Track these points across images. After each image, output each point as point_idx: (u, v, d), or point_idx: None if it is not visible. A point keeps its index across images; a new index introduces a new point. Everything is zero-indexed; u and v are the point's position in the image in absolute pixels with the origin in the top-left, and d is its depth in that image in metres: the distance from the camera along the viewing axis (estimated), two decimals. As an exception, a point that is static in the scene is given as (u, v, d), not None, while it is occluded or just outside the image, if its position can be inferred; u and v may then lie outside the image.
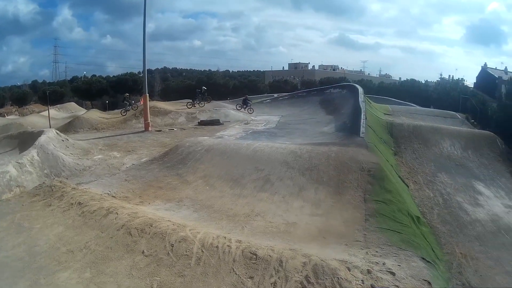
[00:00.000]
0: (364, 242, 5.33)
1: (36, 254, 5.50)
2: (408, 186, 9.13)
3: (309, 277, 3.72)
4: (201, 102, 21.09)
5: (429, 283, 4.33)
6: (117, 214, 5.74)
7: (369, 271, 4.01)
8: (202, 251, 4.35)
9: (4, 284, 4.81)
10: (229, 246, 4.38)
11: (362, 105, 14.01)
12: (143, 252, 4.77)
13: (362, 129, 10.85)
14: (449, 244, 7.02)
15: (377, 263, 4.47)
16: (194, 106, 20.73)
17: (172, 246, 4.58)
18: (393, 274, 4.13)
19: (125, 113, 20.13)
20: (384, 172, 7.95)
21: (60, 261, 5.13)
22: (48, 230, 6.10)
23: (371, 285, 3.84)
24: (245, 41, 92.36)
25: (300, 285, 3.66)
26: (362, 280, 3.80)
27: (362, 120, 11.74)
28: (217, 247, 4.41)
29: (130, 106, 20.67)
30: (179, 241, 4.65)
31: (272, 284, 3.70)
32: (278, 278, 3.75)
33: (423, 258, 5.14)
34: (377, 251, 5.05)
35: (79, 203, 6.57)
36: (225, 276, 3.92)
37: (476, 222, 8.03)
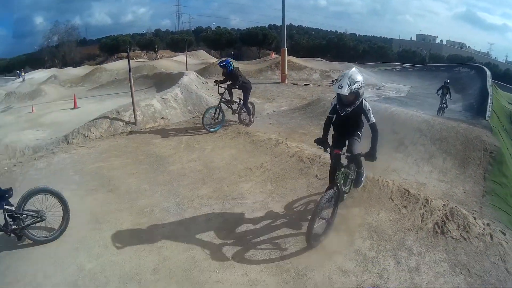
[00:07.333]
0: (479, 213, 7.15)
1: (214, 168, 8.20)
2: (521, 178, 11.02)
3: (448, 215, 5.91)
4: None
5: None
6: (287, 145, 8.37)
7: (488, 224, 6.00)
8: (367, 181, 6.72)
9: (187, 189, 7.36)
10: (387, 181, 6.79)
11: (489, 89, 15.76)
12: (316, 175, 7.31)
13: (488, 113, 12.63)
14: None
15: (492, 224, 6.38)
16: None
17: (341, 174, 7.12)
18: (504, 234, 5.95)
19: None
20: (503, 157, 9.65)
21: (240, 175, 7.77)
22: (221, 151, 8.92)
23: None
24: (370, 5, 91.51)
25: (441, 219, 5.85)
26: (483, 228, 5.79)
27: (488, 104, 13.48)
28: (378, 180, 6.83)
29: None
30: (347, 172, 7.16)
31: (421, 215, 5.99)
32: (425, 211, 6.04)
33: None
34: (488, 224, 6.71)
35: (247, 133, 9.31)
36: (385, 202, 6.35)
37: None
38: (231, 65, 10.89)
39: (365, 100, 5.52)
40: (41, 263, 5.27)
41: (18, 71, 47.89)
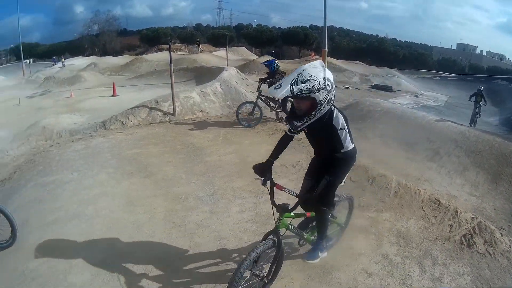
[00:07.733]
0: (507, 231, 7.01)
1: (250, 162, 8.12)
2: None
3: (475, 229, 5.95)
4: None
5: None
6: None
7: (516, 243, 6.17)
8: (399, 188, 6.89)
9: (222, 181, 7.62)
10: (419, 190, 6.88)
11: (526, 104, 15.35)
12: (350, 177, 7.44)
13: (524, 129, 12.49)
14: None
15: (519, 243, 6.62)
16: None
17: (374, 179, 7.20)
18: (530, 255, 6.08)
19: None
20: (536, 176, 9.61)
21: (276, 171, 7.54)
22: (258, 146, 9.20)
23: None
24: (412, 10, 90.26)
25: (468, 232, 5.90)
26: (510, 245, 5.76)
27: (525, 120, 13.31)
28: (410, 188, 6.93)
29: None
30: (380, 176, 7.25)
31: (449, 226, 6.06)
32: (454, 222, 6.10)
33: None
34: (515, 242, 7.26)
35: (284, 131, 9.50)
36: (415, 210, 6.45)
37: None
38: (273, 66, 11.16)
39: (339, 111, 3.85)
40: (73, 238, 5.59)
41: (54, 57, 50.21)
